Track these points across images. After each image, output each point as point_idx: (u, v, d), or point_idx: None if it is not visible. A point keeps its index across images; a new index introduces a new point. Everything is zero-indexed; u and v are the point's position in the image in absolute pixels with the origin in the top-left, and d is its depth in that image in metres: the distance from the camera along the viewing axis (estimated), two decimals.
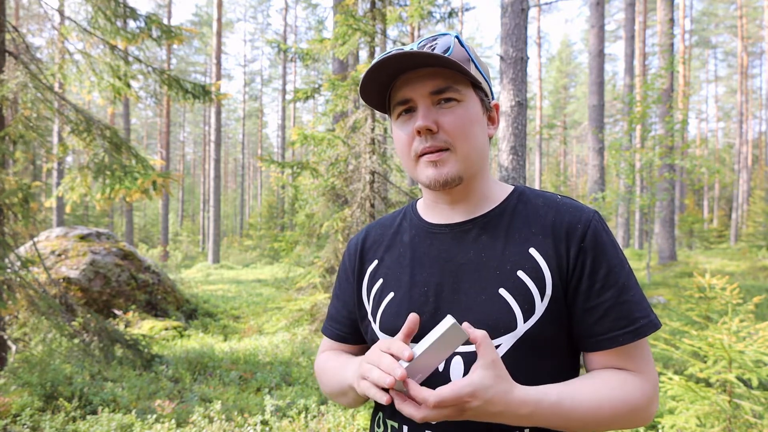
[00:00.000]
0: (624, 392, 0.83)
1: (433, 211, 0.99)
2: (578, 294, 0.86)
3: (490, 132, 0.95)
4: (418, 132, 0.87)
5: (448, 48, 0.86)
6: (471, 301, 0.87)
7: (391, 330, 0.93)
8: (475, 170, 0.92)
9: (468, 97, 0.89)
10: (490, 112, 0.95)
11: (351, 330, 1.07)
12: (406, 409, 0.74)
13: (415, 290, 0.92)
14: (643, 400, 0.84)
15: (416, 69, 0.87)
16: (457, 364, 0.86)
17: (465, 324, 0.76)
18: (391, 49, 0.96)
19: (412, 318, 0.79)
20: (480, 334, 0.74)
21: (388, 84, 0.91)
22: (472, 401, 0.72)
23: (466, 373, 0.85)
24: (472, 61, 0.90)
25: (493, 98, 0.96)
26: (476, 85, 0.91)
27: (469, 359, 0.85)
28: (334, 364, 1.02)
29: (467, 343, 0.81)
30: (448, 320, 0.74)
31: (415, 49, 0.87)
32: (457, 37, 0.89)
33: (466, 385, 0.72)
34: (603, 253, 0.87)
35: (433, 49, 0.87)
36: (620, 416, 0.83)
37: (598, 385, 0.83)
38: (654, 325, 0.86)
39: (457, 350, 0.86)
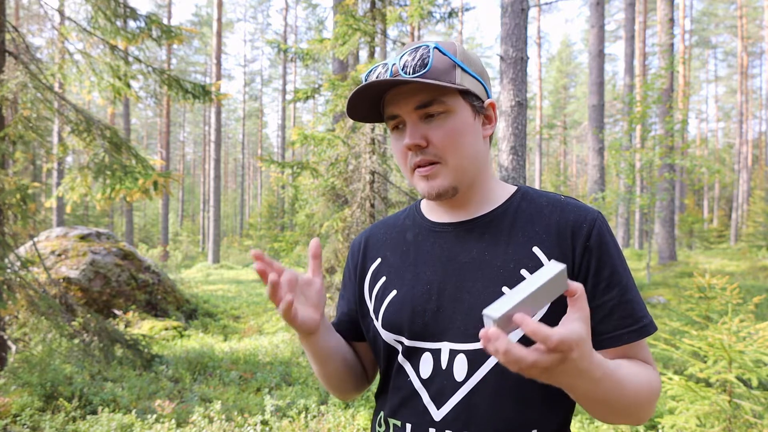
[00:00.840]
0: (647, 376, 0.84)
1: (436, 211, 0.99)
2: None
3: (487, 132, 0.95)
4: (408, 148, 0.88)
5: (426, 63, 0.85)
6: (474, 299, 0.87)
7: (393, 327, 0.93)
8: (472, 177, 0.92)
9: (456, 106, 0.88)
10: (486, 112, 0.94)
11: (355, 327, 1.07)
12: (515, 351, 0.62)
13: (417, 288, 0.93)
14: (659, 387, 0.86)
15: (398, 86, 0.88)
16: (461, 361, 0.86)
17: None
18: (377, 64, 0.95)
19: (314, 243, 0.89)
20: (578, 285, 0.68)
21: (378, 99, 0.92)
22: (575, 351, 0.65)
23: (469, 371, 0.85)
24: (459, 65, 0.88)
25: (489, 96, 0.95)
26: (465, 92, 0.90)
27: (473, 357, 0.85)
28: None
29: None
30: (557, 265, 0.65)
31: (397, 63, 0.87)
32: (436, 47, 0.88)
33: (573, 331, 0.65)
34: (607, 252, 0.88)
35: (414, 59, 0.86)
36: (651, 399, 0.83)
37: (626, 366, 0.82)
38: (653, 326, 0.88)
39: (461, 348, 0.86)
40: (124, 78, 5.33)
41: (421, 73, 0.85)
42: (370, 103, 0.93)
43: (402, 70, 0.86)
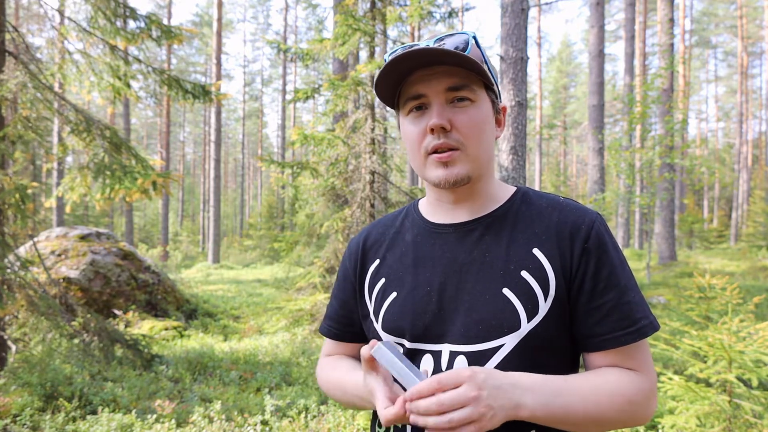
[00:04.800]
0: (622, 385, 0.84)
1: (436, 210, 0.99)
2: (581, 294, 0.87)
3: (497, 134, 0.96)
4: (431, 129, 0.87)
5: (467, 47, 0.87)
6: (475, 300, 0.88)
7: (394, 330, 0.93)
8: (482, 171, 0.93)
9: (481, 97, 0.89)
10: (498, 115, 0.96)
11: (349, 329, 1.07)
12: (422, 404, 0.72)
13: (418, 290, 0.93)
14: (641, 396, 0.85)
15: (432, 66, 0.87)
16: (461, 363, 0.86)
17: (422, 370, 0.81)
18: (394, 48, 0.94)
19: None
20: (427, 384, 0.73)
21: (401, 80, 0.91)
22: (476, 375, 0.73)
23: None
24: (486, 62, 0.91)
25: (500, 102, 0.97)
26: (489, 87, 0.91)
27: (474, 358, 0.86)
28: (339, 375, 1.02)
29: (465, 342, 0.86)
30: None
31: (433, 45, 0.87)
32: (474, 37, 0.89)
33: (461, 368, 0.74)
34: (606, 254, 0.88)
35: (454, 41, 0.88)
36: (618, 408, 0.83)
37: (595, 377, 0.85)
38: (653, 327, 0.87)
39: (461, 349, 0.88)
40: (124, 78, 5.32)
41: (465, 53, 0.85)
42: (396, 81, 0.90)
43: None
